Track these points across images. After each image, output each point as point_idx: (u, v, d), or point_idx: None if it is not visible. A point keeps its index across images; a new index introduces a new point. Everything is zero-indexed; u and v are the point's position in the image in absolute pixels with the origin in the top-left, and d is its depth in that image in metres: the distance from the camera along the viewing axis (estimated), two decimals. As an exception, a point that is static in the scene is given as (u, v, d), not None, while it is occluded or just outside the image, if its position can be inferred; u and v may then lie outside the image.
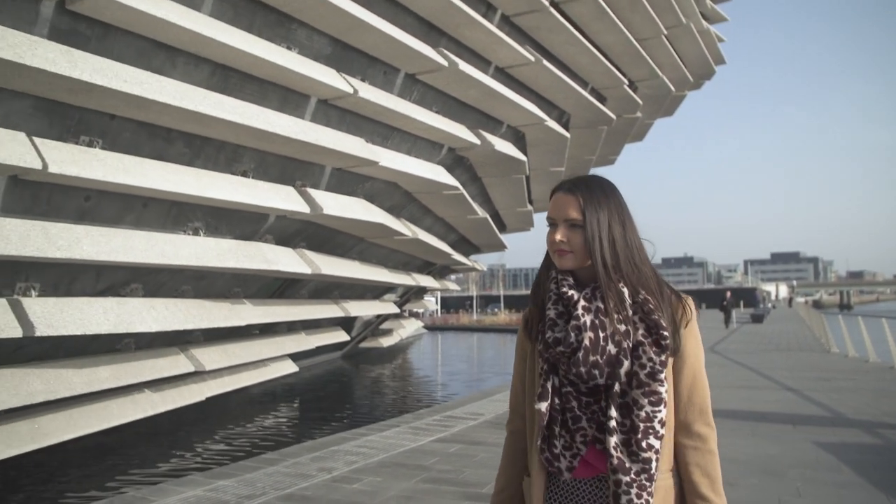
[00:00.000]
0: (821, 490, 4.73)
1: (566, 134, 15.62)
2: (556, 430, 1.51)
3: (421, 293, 22.24)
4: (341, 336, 15.52)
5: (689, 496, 1.52)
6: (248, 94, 8.53)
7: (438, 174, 12.32)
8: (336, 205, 10.10)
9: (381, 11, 9.84)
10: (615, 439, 1.45)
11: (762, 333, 24.03)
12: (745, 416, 7.56)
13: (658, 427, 1.46)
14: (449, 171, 13.16)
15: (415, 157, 12.11)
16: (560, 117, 16.49)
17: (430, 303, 31.20)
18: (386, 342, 21.85)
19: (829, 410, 7.98)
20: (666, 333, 1.48)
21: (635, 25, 16.70)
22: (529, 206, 17.80)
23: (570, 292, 1.53)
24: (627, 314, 1.49)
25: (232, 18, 8.01)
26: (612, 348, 1.47)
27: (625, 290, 1.51)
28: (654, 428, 1.45)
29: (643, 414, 1.45)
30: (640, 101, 18.95)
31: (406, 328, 24.50)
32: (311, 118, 9.65)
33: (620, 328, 1.48)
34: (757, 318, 32.29)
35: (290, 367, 12.32)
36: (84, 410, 7.91)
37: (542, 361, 1.54)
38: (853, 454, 5.75)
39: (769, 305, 52.31)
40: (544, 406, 1.51)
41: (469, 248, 18.68)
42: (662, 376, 1.47)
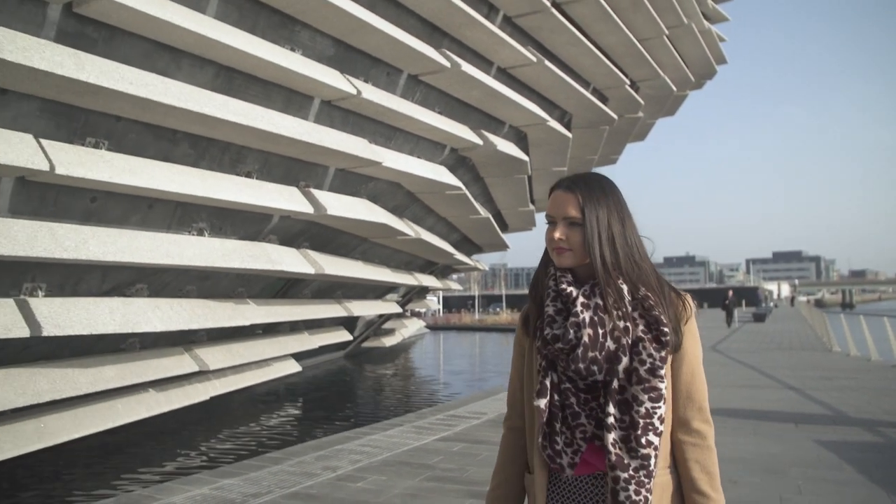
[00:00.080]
0: (822, 488, 4.76)
1: (568, 134, 15.66)
2: (557, 426, 1.50)
3: (423, 293, 22.26)
4: (344, 336, 15.57)
5: (688, 492, 1.52)
6: (253, 96, 8.58)
7: (441, 174, 12.36)
8: (339, 205, 10.15)
9: (383, 13, 9.89)
10: (613, 436, 1.45)
11: (764, 332, 24.02)
12: (748, 415, 7.59)
13: (657, 423, 1.45)
14: (451, 171, 13.20)
15: (417, 157, 12.16)
16: (562, 117, 16.53)
17: (432, 302, 31.14)
18: (388, 342, 21.90)
19: (830, 409, 8.00)
20: (666, 329, 1.48)
21: (637, 26, 16.73)
22: (531, 206, 17.83)
23: (568, 289, 1.52)
24: (627, 311, 1.49)
25: (236, 20, 8.05)
26: (610, 345, 1.47)
27: (624, 287, 1.50)
28: (653, 424, 1.45)
29: (643, 410, 1.44)
30: (641, 101, 18.97)
31: (408, 328, 24.54)
32: (314, 119, 9.70)
33: (620, 325, 1.48)
34: (759, 318, 32.21)
35: (294, 367, 12.38)
36: (89, 410, 7.97)
37: (541, 358, 1.54)
38: (855, 452, 5.78)
39: (771, 304, 52.28)
40: (543, 403, 1.50)
41: (471, 248, 18.71)
42: (662, 372, 1.47)
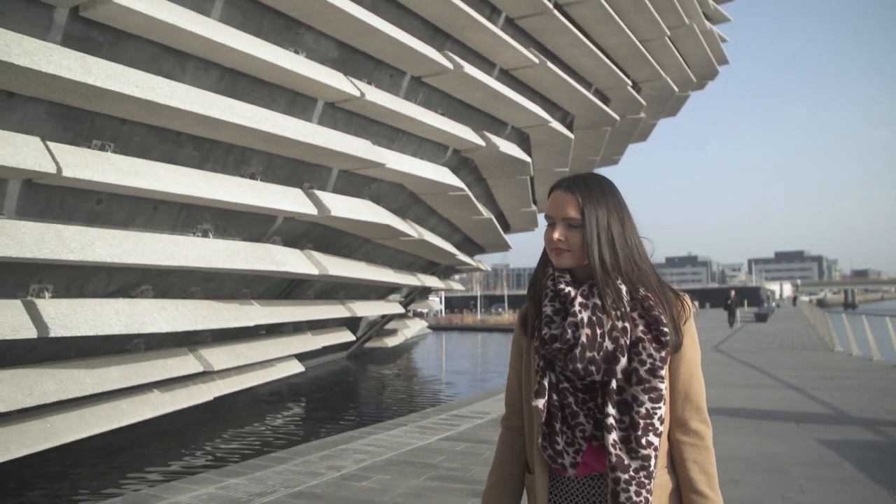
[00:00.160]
0: (823, 487, 4.80)
1: (570, 135, 15.70)
2: (557, 426, 1.49)
3: (425, 293, 22.32)
4: (347, 336, 15.62)
5: (686, 492, 1.52)
6: (257, 98, 8.63)
7: (444, 175, 12.41)
8: (343, 206, 10.20)
9: (386, 15, 9.93)
10: (613, 436, 1.44)
11: (766, 332, 24.03)
12: (750, 415, 7.62)
13: (657, 424, 1.45)
14: (454, 172, 13.26)
15: (420, 158, 12.20)
16: (564, 118, 16.57)
17: (434, 303, 31.19)
18: (391, 342, 21.97)
19: (832, 408, 8.03)
20: (666, 329, 1.47)
21: (639, 27, 16.77)
22: (534, 207, 17.87)
23: (567, 289, 1.52)
24: (625, 311, 1.49)
25: (241, 23, 8.10)
26: (608, 345, 1.47)
27: (623, 288, 1.50)
28: (653, 425, 1.45)
29: (643, 411, 1.44)
30: (643, 101, 19.00)
31: (410, 328, 24.61)
32: (318, 121, 9.75)
33: (618, 325, 1.47)
34: (761, 317, 32.22)
35: (297, 367, 12.42)
36: (95, 410, 8.02)
37: (539, 358, 1.54)
38: (856, 451, 5.81)
39: (773, 304, 52.19)
40: (541, 403, 1.50)
41: (473, 249, 18.75)
42: (663, 373, 1.47)
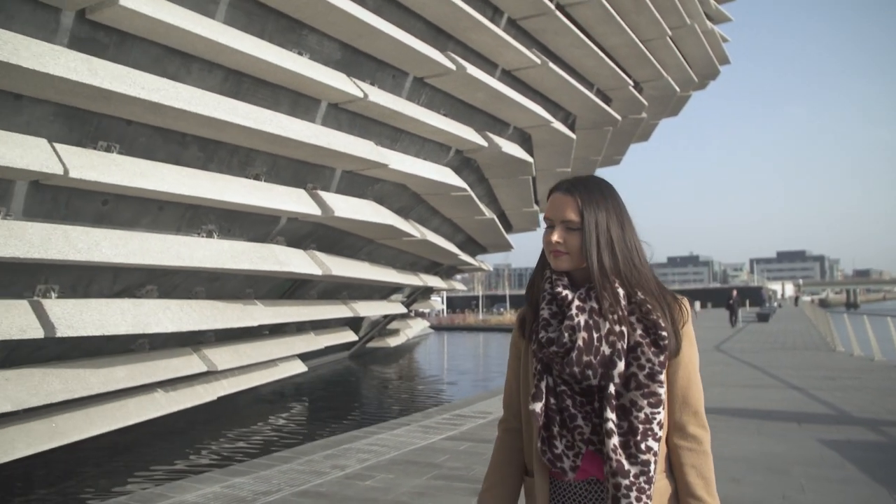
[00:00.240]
0: (824, 486, 4.82)
1: (572, 135, 15.73)
2: (555, 430, 1.48)
3: (428, 293, 22.36)
4: (349, 336, 15.66)
5: (684, 497, 1.51)
6: (261, 99, 8.68)
7: (446, 176, 12.45)
8: (346, 207, 10.24)
9: (389, 16, 9.98)
10: (613, 441, 1.43)
11: (768, 332, 24.02)
12: (751, 415, 7.65)
13: (656, 429, 1.44)
14: (456, 172, 13.30)
15: (423, 159, 12.24)
16: (566, 119, 16.61)
17: (436, 303, 31.23)
18: (393, 342, 22.02)
19: (833, 409, 8.05)
20: (664, 333, 1.46)
21: (640, 27, 16.80)
22: (535, 207, 17.91)
23: (564, 292, 1.51)
24: (622, 314, 1.47)
25: (245, 25, 8.15)
26: (605, 349, 1.45)
27: (620, 291, 1.48)
28: (652, 430, 1.44)
29: (642, 416, 1.43)
30: (645, 101, 19.04)
31: (413, 328, 24.66)
32: (321, 122, 9.80)
33: (615, 329, 1.46)
34: (763, 317, 32.18)
35: (299, 367, 12.46)
36: (100, 410, 8.07)
37: (536, 361, 1.52)
38: (857, 451, 5.84)
39: (775, 304, 52.07)
40: (538, 407, 1.48)
41: (476, 249, 18.80)
42: (662, 377, 1.46)
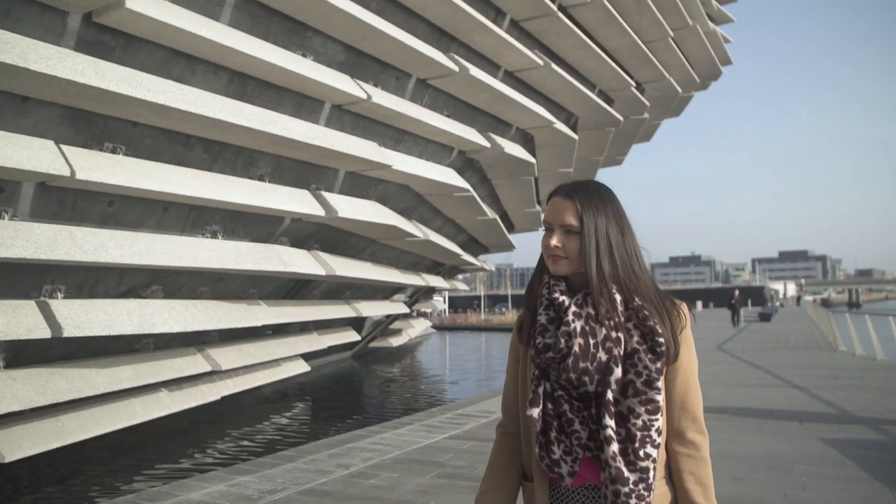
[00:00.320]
0: (825, 485, 4.85)
1: (574, 136, 15.77)
2: (553, 435, 1.47)
3: (430, 293, 22.39)
4: (352, 336, 15.71)
5: (683, 503, 1.51)
6: (265, 101, 8.73)
7: (449, 176, 12.50)
8: (350, 207, 10.29)
9: (393, 18, 10.02)
10: (613, 448, 1.42)
11: (770, 332, 23.99)
12: (753, 414, 7.67)
13: (655, 436, 1.43)
14: (459, 173, 13.34)
15: (426, 160, 12.29)
16: (568, 119, 16.64)
17: (438, 302, 31.31)
18: (395, 342, 22.06)
19: (835, 408, 8.07)
20: (662, 340, 1.45)
21: (642, 28, 16.83)
22: (538, 207, 17.94)
23: (560, 298, 1.50)
24: (619, 321, 1.46)
25: (249, 27, 8.20)
26: (602, 355, 1.44)
27: (618, 297, 1.48)
28: (651, 437, 1.43)
29: (640, 423, 1.43)
30: (647, 102, 19.07)
31: (415, 328, 24.69)
32: (325, 123, 9.85)
33: (612, 335, 1.45)
34: (765, 317, 32.14)
35: (303, 367, 12.52)
36: (106, 409, 8.13)
37: (534, 366, 1.51)
38: (858, 450, 5.86)
39: (777, 304, 52.08)
40: (536, 412, 1.47)
41: (478, 249, 18.84)
42: (659, 384, 1.44)
